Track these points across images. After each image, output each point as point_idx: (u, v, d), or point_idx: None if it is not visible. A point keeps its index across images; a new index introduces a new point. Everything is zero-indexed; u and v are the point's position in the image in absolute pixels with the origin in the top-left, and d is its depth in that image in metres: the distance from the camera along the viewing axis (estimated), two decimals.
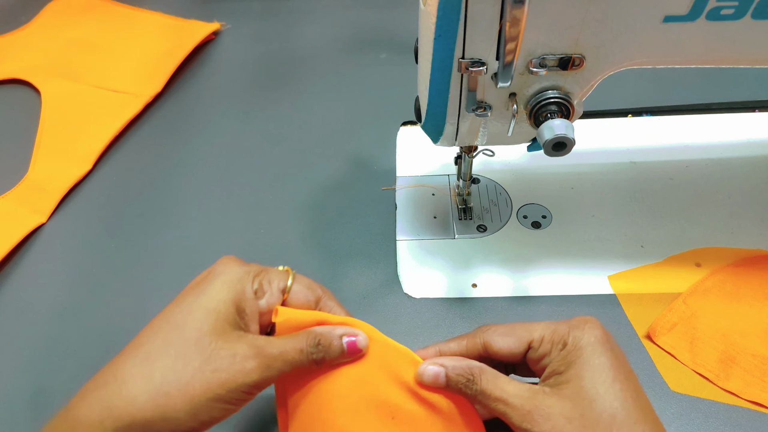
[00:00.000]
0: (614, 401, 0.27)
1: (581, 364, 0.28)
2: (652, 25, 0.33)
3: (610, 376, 0.28)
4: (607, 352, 0.29)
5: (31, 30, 0.74)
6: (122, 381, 0.26)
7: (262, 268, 0.32)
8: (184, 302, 0.29)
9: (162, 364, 0.26)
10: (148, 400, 0.26)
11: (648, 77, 0.62)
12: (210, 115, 0.63)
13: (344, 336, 0.31)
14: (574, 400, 0.28)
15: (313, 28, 0.74)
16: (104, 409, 0.26)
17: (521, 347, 0.31)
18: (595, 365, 0.28)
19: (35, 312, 0.47)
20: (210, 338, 0.27)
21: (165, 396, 0.26)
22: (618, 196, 0.51)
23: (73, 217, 0.54)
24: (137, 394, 0.26)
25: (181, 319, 0.28)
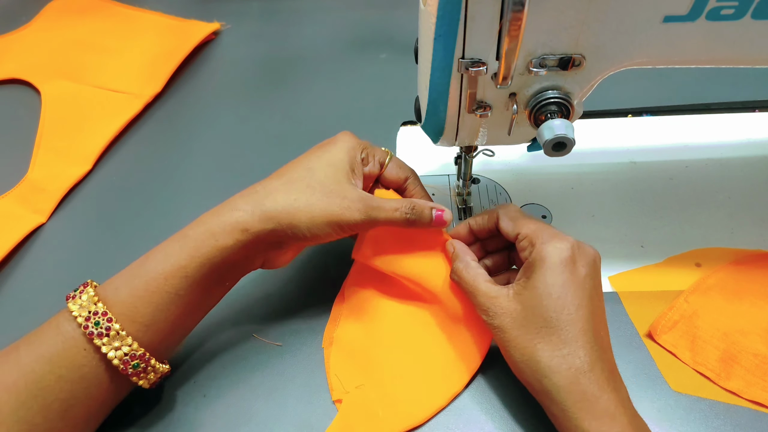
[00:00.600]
0: (551, 312, 0.33)
1: (539, 275, 0.34)
2: (652, 25, 0.33)
3: (556, 293, 0.34)
4: (564, 273, 0.34)
5: (31, 30, 0.74)
6: (270, 192, 0.37)
7: (369, 144, 0.41)
8: (314, 155, 0.39)
9: (297, 188, 0.37)
10: (285, 208, 0.36)
11: (648, 77, 0.62)
12: (210, 115, 0.63)
13: (434, 209, 0.39)
14: (524, 303, 0.34)
15: (313, 28, 0.74)
16: (256, 205, 0.36)
17: (513, 233, 0.38)
18: (548, 281, 0.34)
19: (35, 312, 0.46)
20: (330, 181, 0.37)
21: (295, 209, 0.36)
22: (618, 196, 0.51)
23: (73, 217, 0.54)
24: (279, 201, 0.36)
25: (312, 165, 0.38)
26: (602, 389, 0.32)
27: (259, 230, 0.36)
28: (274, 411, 0.39)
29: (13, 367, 0.33)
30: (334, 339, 0.42)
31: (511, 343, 0.35)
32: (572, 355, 0.33)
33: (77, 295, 0.35)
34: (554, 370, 0.33)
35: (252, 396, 0.40)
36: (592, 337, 0.33)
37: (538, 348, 0.33)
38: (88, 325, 0.33)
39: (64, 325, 0.34)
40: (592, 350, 0.33)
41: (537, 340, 0.34)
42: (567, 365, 0.33)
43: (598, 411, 0.32)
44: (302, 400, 0.40)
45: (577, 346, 0.33)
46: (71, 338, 0.34)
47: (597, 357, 0.33)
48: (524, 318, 0.34)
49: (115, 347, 0.34)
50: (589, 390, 0.32)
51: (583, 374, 0.32)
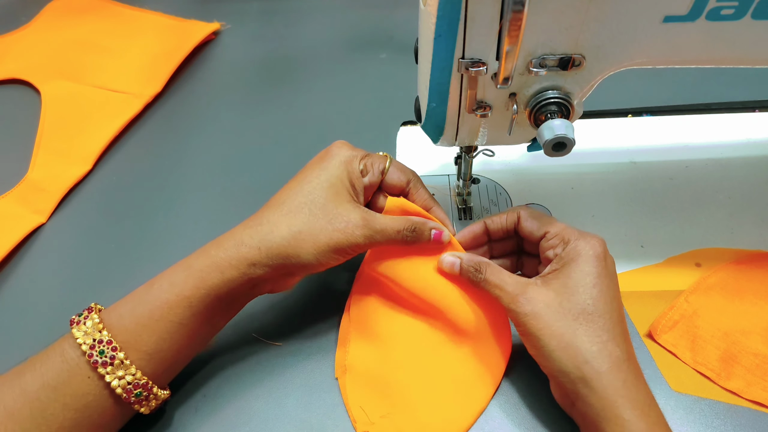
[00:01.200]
0: (588, 299, 0.34)
1: (573, 267, 0.35)
2: (652, 25, 0.33)
3: (592, 281, 0.34)
4: (599, 266, 0.35)
5: (31, 30, 0.74)
6: (273, 225, 0.36)
7: (366, 152, 0.40)
8: (312, 175, 0.38)
9: (300, 219, 0.36)
10: (290, 241, 0.36)
11: (648, 77, 0.62)
12: (210, 115, 0.63)
13: (433, 229, 0.39)
14: (558, 291, 0.35)
15: (313, 28, 0.74)
16: (261, 240, 0.36)
17: (539, 233, 0.38)
18: (584, 270, 0.35)
19: (35, 312, 0.47)
20: (332, 206, 0.37)
21: (301, 240, 0.36)
22: (618, 196, 0.51)
23: (73, 217, 0.54)
24: (284, 235, 0.36)
25: (312, 188, 0.37)
26: (639, 379, 0.33)
27: (265, 264, 0.36)
28: (274, 411, 0.39)
29: (18, 394, 0.33)
30: (348, 367, 0.41)
31: (545, 330, 0.34)
32: (612, 342, 0.33)
33: (81, 321, 0.35)
34: (596, 356, 0.33)
35: (252, 396, 0.40)
36: (624, 330, 0.34)
37: (579, 333, 0.33)
38: (92, 353, 0.33)
39: (68, 352, 0.34)
40: (626, 342, 0.34)
41: (576, 326, 0.33)
42: (608, 351, 0.33)
43: (639, 400, 0.32)
44: (302, 400, 0.40)
45: (615, 333, 0.33)
46: (76, 366, 0.33)
47: (631, 349, 0.34)
48: (559, 305, 0.34)
49: (119, 376, 0.34)
50: (629, 378, 0.32)
51: (623, 362, 0.33)
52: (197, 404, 0.40)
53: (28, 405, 0.33)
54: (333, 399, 0.40)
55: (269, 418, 0.39)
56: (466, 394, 0.39)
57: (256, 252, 0.36)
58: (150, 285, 0.36)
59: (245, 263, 0.36)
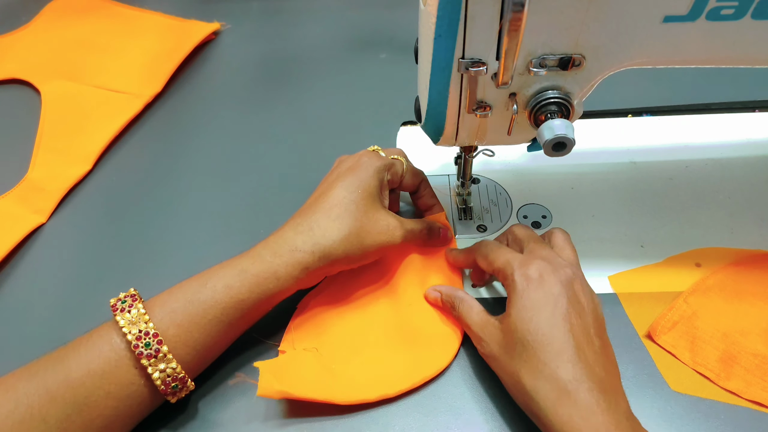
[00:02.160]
0: (526, 334, 0.34)
1: (512, 303, 0.36)
2: (652, 25, 0.33)
3: (527, 315, 0.35)
4: (534, 295, 0.35)
5: (31, 30, 0.74)
6: (325, 229, 0.39)
7: (390, 162, 0.44)
8: (348, 181, 0.41)
9: (347, 223, 0.39)
10: (341, 243, 0.39)
11: (648, 77, 0.62)
12: (210, 115, 0.63)
13: (441, 228, 0.46)
14: (504, 330, 0.36)
15: (313, 28, 0.74)
16: (315, 245, 0.38)
17: (490, 270, 0.40)
18: (518, 305, 0.35)
19: (35, 312, 0.47)
20: (373, 211, 0.41)
21: (349, 243, 0.39)
22: (618, 196, 0.51)
23: (73, 217, 0.54)
24: (335, 238, 0.39)
25: (351, 194, 0.40)
26: (591, 410, 0.31)
27: (318, 267, 0.39)
28: (273, 411, 0.39)
29: (61, 379, 0.33)
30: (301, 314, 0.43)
31: (500, 369, 0.36)
32: (553, 376, 0.32)
33: (126, 309, 0.35)
34: (538, 392, 0.33)
35: (252, 396, 0.40)
36: (574, 355, 0.33)
37: (522, 372, 0.34)
38: (138, 344, 0.34)
39: (115, 341, 0.35)
40: (575, 367, 0.32)
41: (519, 365, 0.34)
42: (549, 387, 0.32)
43: (593, 422, 0.31)
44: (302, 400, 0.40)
45: (555, 366, 0.32)
46: (123, 357, 0.34)
47: (582, 374, 0.32)
48: (507, 344, 0.35)
49: (160, 369, 0.35)
50: (575, 412, 0.31)
51: (566, 394, 0.32)
52: (197, 405, 0.40)
53: (72, 391, 0.33)
54: None
55: (269, 418, 0.39)
56: (406, 360, 0.41)
57: (309, 256, 0.38)
58: (202, 284, 0.37)
59: (300, 268, 0.38)
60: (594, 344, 0.34)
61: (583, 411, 0.31)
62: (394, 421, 0.38)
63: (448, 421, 0.38)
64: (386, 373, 0.40)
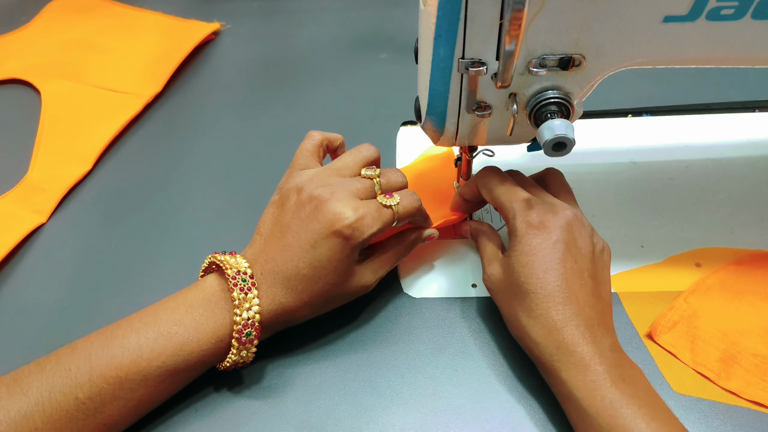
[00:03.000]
0: (522, 278, 0.37)
1: (512, 247, 0.38)
2: (652, 25, 0.33)
3: (524, 260, 0.37)
4: (533, 241, 0.37)
5: (31, 30, 0.74)
6: (290, 304, 0.38)
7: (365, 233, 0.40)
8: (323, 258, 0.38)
9: (319, 287, 0.38)
10: (313, 314, 0.40)
11: (648, 77, 0.62)
12: (210, 115, 0.63)
13: (427, 237, 0.45)
14: (506, 272, 0.38)
15: (313, 28, 0.74)
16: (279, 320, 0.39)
17: (493, 204, 0.42)
18: (518, 250, 0.37)
19: (35, 312, 0.47)
20: (346, 279, 0.39)
21: (321, 310, 0.40)
22: (618, 196, 0.51)
23: (73, 217, 0.54)
24: (306, 314, 0.40)
25: (325, 275, 0.38)
26: (575, 343, 0.34)
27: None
28: (274, 411, 0.39)
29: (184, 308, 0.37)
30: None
31: (500, 303, 0.40)
32: (544, 315, 0.36)
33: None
34: (531, 328, 0.36)
35: (252, 396, 0.40)
36: (564, 297, 0.36)
37: (518, 309, 0.37)
38: (237, 279, 0.36)
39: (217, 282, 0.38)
40: (565, 308, 0.35)
41: (516, 303, 0.38)
42: (541, 324, 0.36)
43: (573, 362, 0.34)
44: (302, 400, 0.40)
45: (547, 306, 0.36)
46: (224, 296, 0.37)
47: (571, 313, 0.35)
48: (506, 284, 0.38)
49: (246, 308, 0.36)
50: (562, 344, 0.35)
51: (555, 331, 0.35)
52: (197, 404, 0.40)
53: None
54: (333, 398, 0.40)
55: (269, 418, 0.39)
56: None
57: (279, 323, 0.39)
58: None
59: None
60: (586, 286, 0.37)
61: (569, 343, 0.35)
62: (394, 421, 0.38)
63: (447, 420, 0.38)
64: None
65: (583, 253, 0.38)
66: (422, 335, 0.43)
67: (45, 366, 0.35)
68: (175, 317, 0.36)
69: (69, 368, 0.34)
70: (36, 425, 0.33)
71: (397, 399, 0.39)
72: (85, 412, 0.33)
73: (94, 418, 0.34)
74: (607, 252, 0.41)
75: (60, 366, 0.34)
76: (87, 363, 0.34)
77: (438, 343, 0.42)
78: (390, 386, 0.40)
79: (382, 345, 0.42)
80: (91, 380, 0.34)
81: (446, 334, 0.43)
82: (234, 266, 0.37)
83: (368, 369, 0.41)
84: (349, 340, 0.43)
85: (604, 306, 0.38)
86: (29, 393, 0.33)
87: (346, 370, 0.41)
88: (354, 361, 0.42)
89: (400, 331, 0.43)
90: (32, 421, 0.33)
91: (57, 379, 0.34)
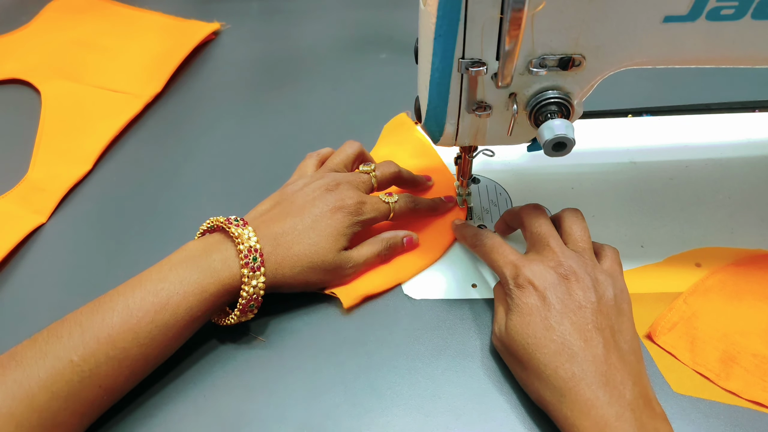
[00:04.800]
0: (524, 339, 0.36)
1: (510, 309, 0.38)
2: (652, 25, 0.33)
3: (525, 318, 0.36)
4: (527, 299, 0.37)
5: (31, 30, 0.74)
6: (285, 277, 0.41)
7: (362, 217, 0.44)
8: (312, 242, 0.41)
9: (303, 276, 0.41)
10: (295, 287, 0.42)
11: (648, 77, 0.62)
12: (210, 115, 0.63)
13: (404, 237, 0.47)
14: (507, 337, 0.38)
15: (313, 28, 0.74)
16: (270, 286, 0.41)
17: (488, 264, 0.42)
18: (516, 312, 0.37)
19: (35, 312, 0.47)
20: (330, 263, 0.42)
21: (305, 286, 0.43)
22: (618, 196, 0.51)
23: (73, 217, 0.54)
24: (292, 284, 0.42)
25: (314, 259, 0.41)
26: (590, 405, 0.32)
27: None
28: (274, 411, 0.39)
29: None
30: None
31: (511, 368, 0.39)
32: (553, 377, 0.34)
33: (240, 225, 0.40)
34: (544, 390, 0.35)
35: (252, 396, 0.40)
36: (570, 354, 0.34)
37: (528, 374, 0.36)
38: (248, 257, 0.39)
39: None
40: (572, 366, 0.34)
41: (523, 369, 0.37)
42: (551, 387, 0.34)
43: (588, 426, 0.32)
44: (302, 400, 0.40)
45: (555, 367, 0.34)
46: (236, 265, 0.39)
47: (581, 371, 0.33)
48: (511, 350, 0.37)
49: (253, 285, 0.39)
50: (575, 408, 0.33)
51: (567, 392, 0.33)
52: (197, 405, 0.40)
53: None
54: (333, 399, 0.40)
55: (269, 418, 0.39)
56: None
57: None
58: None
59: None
60: (592, 340, 0.34)
61: (583, 406, 0.32)
62: (394, 422, 0.38)
63: (447, 421, 0.38)
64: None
65: (584, 305, 0.36)
66: (422, 336, 0.43)
67: (37, 339, 0.35)
68: (160, 275, 0.38)
69: (61, 335, 0.35)
70: (33, 392, 0.33)
71: (397, 400, 0.39)
72: (81, 374, 0.34)
73: (90, 380, 0.34)
74: (624, 300, 0.38)
75: (51, 335, 0.35)
76: (78, 328, 0.35)
77: (438, 344, 0.42)
78: (390, 387, 0.40)
79: (382, 346, 0.42)
80: (84, 342, 0.34)
81: (446, 336, 0.43)
82: (246, 241, 0.39)
83: (368, 370, 0.41)
84: (350, 341, 0.43)
85: (624, 356, 0.35)
86: (23, 363, 0.34)
87: (346, 372, 0.41)
88: (354, 362, 0.42)
89: (400, 332, 0.43)
90: (28, 387, 0.33)
91: (50, 346, 0.34)
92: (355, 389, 0.40)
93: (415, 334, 0.43)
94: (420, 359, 0.42)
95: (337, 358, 0.42)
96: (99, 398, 0.35)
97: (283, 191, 0.46)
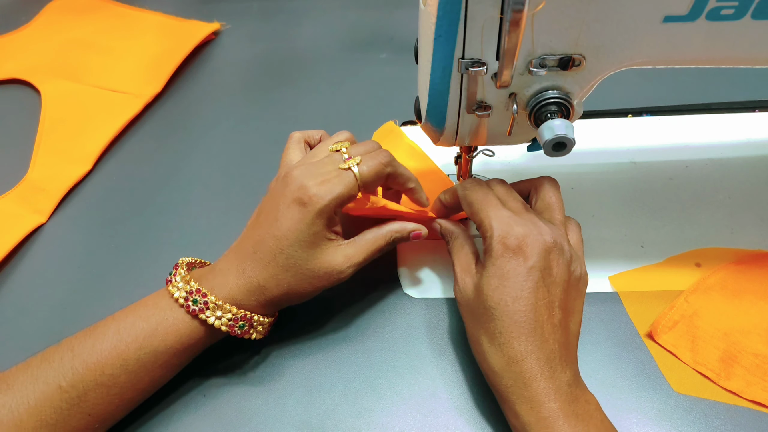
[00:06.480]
0: (490, 302, 0.35)
1: (486, 267, 0.36)
2: (652, 25, 0.33)
3: (495, 284, 0.35)
4: (507, 265, 0.35)
5: (31, 30, 0.74)
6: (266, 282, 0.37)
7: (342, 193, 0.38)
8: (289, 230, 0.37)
9: (287, 279, 0.37)
10: (282, 297, 0.38)
11: (648, 77, 0.62)
12: (210, 115, 0.63)
13: (412, 232, 0.41)
14: (476, 288, 0.37)
15: (313, 28, 0.74)
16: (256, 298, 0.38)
17: (470, 217, 0.39)
18: (490, 273, 0.36)
19: (35, 312, 0.47)
20: (314, 259, 0.38)
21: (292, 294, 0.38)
22: (618, 196, 0.51)
23: (73, 217, 0.54)
24: (276, 293, 0.38)
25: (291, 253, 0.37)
26: (533, 377, 0.33)
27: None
28: (274, 411, 0.39)
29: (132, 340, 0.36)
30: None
31: (465, 321, 0.38)
32: (506, 345, 0.34)
33: (172, 278, 0.38)
34: (492, 355, 0.35)
35: (252, 396, 0.40)
36: (530, 328, 0.34)
37: (481, 333, 0.36)
38: (188, 304, 0.36)
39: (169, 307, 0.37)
40: (528, 340, 0.34)
41: (479, 325, 0.36)
42: (502, 353, 0.34)
43: (528, 396, 0.33)
44: (302, 400, 0.40)
45: (510, 336, 0.34)
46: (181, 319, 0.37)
47: (534, 346, 0.34)
48: (474, 303, 0.37)
49: (218, 316, 0.37)
50: (519, 377, 0.34)
51: (515, 363, 0.34)
52: (197, 404, 0.40)
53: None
54: (333, 399, 0.40)
55: (269, 418, 0.39)
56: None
57: (254, 303, 0.38)
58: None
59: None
60: (554, 317, 0.35)
61: (527, 377, 0.33)
62: (394, 422, 0.38)
63: (447, 421, 0.38)
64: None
65: (558, 282, 0.36)
66: (422, 336, 0.43)
67: (31, 362, 0.35)
68: (154, 302, 0.37)
69: (52, 360, 0.35)
70: (21, 418, 0.33)
71: (398, 400, 0.39)
72: (69, 401, 0.34)
73: (78, 407, 0.34)
74: (584, 281, 0.38)
75: (44, 359, 0.35)
76: (70, 353, 0.35)
77: (438, 343, 0.42)
78: (390, 387, 0.40)
79: (383, 346, 0.42)
80: (73, 368, 0.34)
81: (446, 335, 0.43)
82: (181, 288, 0.37)
83: (368, 370, 0.41)
84: (350, 340, 0.43)
85: (569, 337, 0.36)
86: (14, 387, 0.34)
87: (347, 371, 0.41)
88: (354, 362, 0.42)
89: (400, 331, 0.43)
90: (17, 413, 0.33)
91: (41, 371, 0.34)
92: (355, 388, 0.40)
93: (416, 333, 0.43)
94: (420, 359, 0.42)
95: (337, 357, 0.42)
96: (90, 427, 0.35)
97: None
